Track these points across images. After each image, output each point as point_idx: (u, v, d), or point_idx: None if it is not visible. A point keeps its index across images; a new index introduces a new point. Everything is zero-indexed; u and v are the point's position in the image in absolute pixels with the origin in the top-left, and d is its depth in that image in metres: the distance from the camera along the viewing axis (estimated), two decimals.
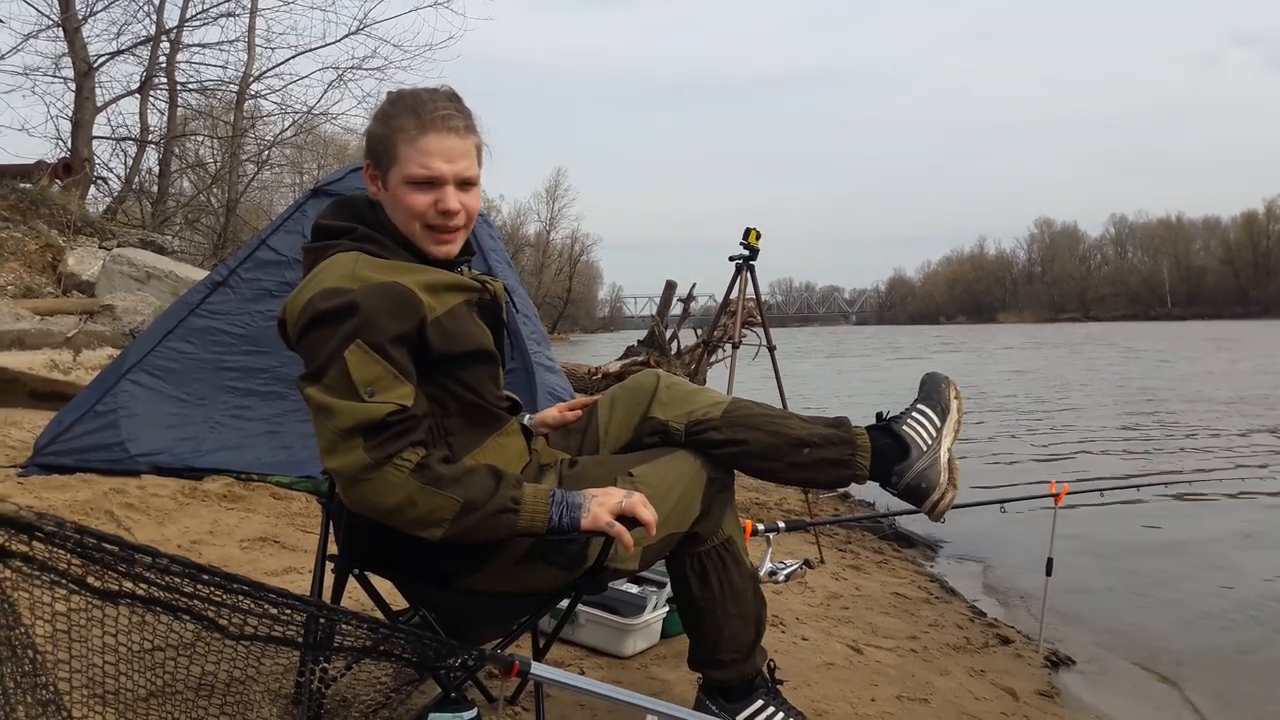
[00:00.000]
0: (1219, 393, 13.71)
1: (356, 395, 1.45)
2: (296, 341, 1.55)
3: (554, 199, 59.44)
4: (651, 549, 1.75)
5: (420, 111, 1.60)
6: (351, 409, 1.45)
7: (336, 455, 1.46)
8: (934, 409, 1.85)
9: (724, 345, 7.44)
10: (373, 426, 1.45)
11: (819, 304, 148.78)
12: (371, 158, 1.66)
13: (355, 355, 1.46)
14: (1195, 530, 5.39)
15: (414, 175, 1.60)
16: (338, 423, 1.45)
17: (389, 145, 1.61)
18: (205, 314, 4.30)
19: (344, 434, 1.45)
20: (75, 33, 11.99)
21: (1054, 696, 2.78)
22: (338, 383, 1.46)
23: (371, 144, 1.65)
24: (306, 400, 1.50)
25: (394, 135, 1.61)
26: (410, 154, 1.59)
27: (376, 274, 1.53)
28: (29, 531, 0.96)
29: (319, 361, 1.48)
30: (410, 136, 1.59)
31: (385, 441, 1.45)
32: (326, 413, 1.46)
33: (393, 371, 1.48)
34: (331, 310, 1.48)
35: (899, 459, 1.80)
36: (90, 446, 3.99)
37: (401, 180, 1.61)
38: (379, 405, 1.45)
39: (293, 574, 2.93)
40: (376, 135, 1.64)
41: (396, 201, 1.62)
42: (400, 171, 1.60)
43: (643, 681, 2.35)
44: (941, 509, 1.80)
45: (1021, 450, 8.65)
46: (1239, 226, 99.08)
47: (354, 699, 1.64)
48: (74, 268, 8.07)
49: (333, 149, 18.27)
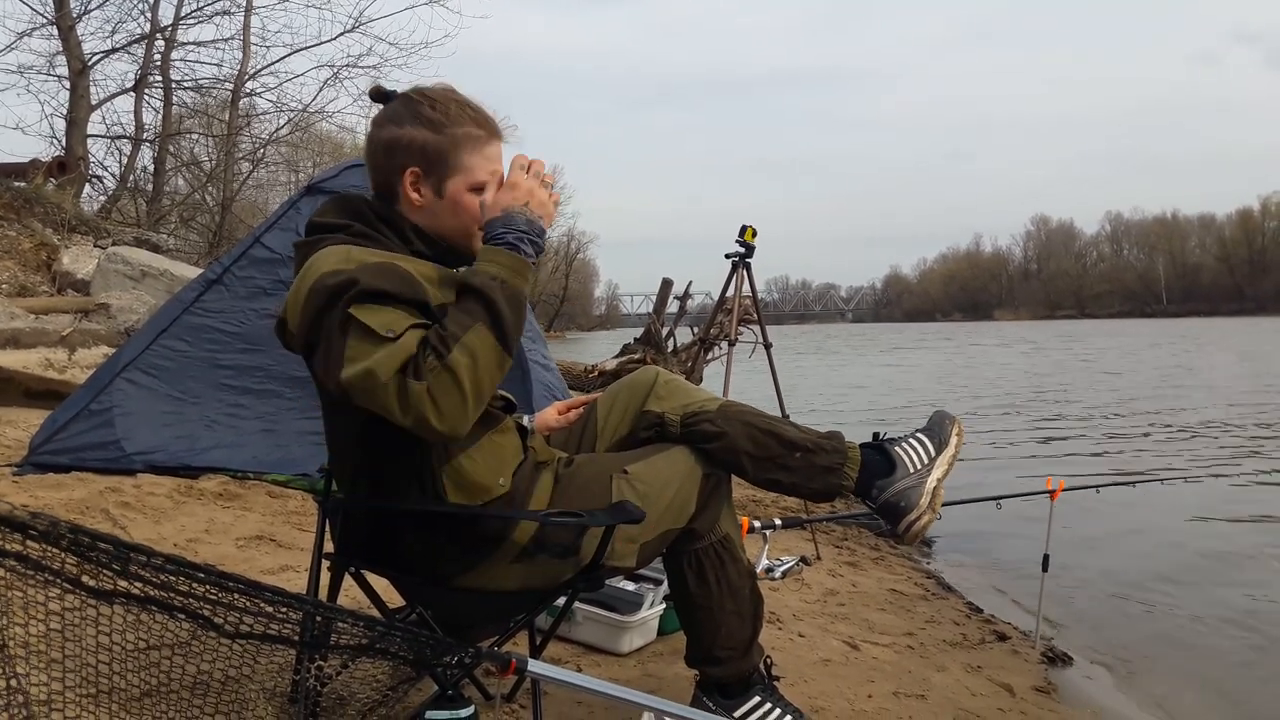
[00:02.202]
0: (1210, 389, 13.75)
1: (383, 340, 1.39)
2: (307, 334, 1.49)
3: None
4: (648, 546, 1.75)
5: (480, 120, 1.64)
6: (387, 353, 1.38)
7: (406, 408, 1.38)
8: (932, 440, 1.86)
9: (720, 343, 7.44)
10: (411, 357, 1.39)
11: (815, 301, 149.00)
12: (420, 165, 1.61)
13: (361, 311, 1.42)
14: (1192, 526, 5.40)
15: (483, 183, 1.62)
16: (384, 371, 1.37)
17: (448, 152, 1.60)
18: (200, 312, 4.29)
19: (394, 378, 1.37)
20: (70, 31, 11.94)
21: (1050, 692, 2.79)
22: (361, 346, 1.40)
23: (420, 149, 1.60)
24: (348, 390, 1.41)
25: (456, 142, 1.60)
26: (478, 162, 1.62)
27: (374, 258, 1.51)
28: (23, 530, 0.96)
29: (336, 346, 1.42)
30: (478, 144, 1.62)
31: (414, 368, 1.38)
32: (371, 376, 1.38)
33: (401, 311, 1.44)
34: (333, 287, 1.44)
35: (884, 475, 1.81)
36: (85, 445, 3.97)
37: (468, 186, 1.62)
38: (404, 339, 1.40)
39: (289, 572, 2.93)
40: (429, 142, 1.60)
41: (457, 208, 1.62)
42: (468, 179, 1.61)
43: (640, 679, 2.35)
44: (915, 531, 1.79)
45: (1019, 447, 8.66)
46: (1234, 224, 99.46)
47: (351, 697, 1.64)
48: (69, 266, 8.04)
49: (328, 147, 18.19)
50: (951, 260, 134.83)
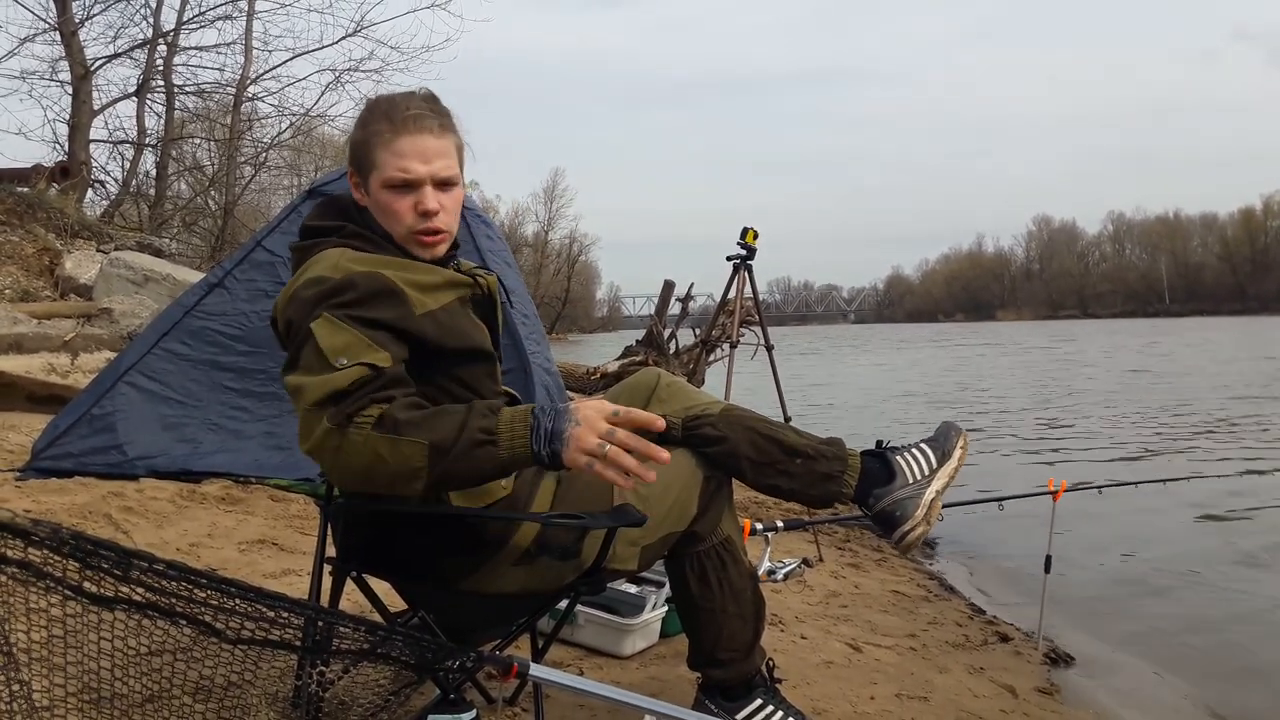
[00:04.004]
0: (1215, 388, 13.73)
1: (328, 366, 1.39)
2: (285, 335, 1.53)
3: (551, 199, 59.55)
4: (650, 549, 1.75)
5: (393, 114, 1.60)
6: (319, 381, 1.38)
7: (307, 436, 1.38)
8: (935, 451, 1.85)
9: (722, 344, 7.43)
10: (337, 395, 1.36)
11: (817, 303, 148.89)
12: (354, 165, 1.66)
13: (322, 325, 1.42)
14: (1195, 527, 5.40)
15: (392, 179, 1.59)
16: (306, 399, 1.38)
17: (367, 150, 1.62)
18: (201, 315, 4.30)
19: (312, 409, 1.37)
20: (72, 36, 11.95)
21: (1053, 694, 2.78)
22: (310, 358, 1.41)
23: (353, 151, 1.65)
24: (285, 390, 1.46)
25: (371, 140, 1.61)
26: (386, 158, 1.59)
27: (361, 266, 1.52)
28: (25, 537, 0.96)
29: (294, 345, 1.46)
30: (385, 140, 1.59)
31: (346, 405, 1.36)
32: (298, 394, 1.40)
33: (364, 339, 1.42)
34: (311, 298, 1.47)
35: (883, 483, 1.81)
36: (88, 450, 3.98)
37: (381, 185, 1.60)
38: (344, 374, 1.37)
39: (291, 576, 2.93)
40: (356, 142, 1.64)
41: (379, 207, 1.62)
42: (379, 176, 1.60)
43: (642, 681, 2.35)
44: (910, 542, 1.79)
45: (1018, 446, 8.66)
46: (1237, 223, 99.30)
47: (353, 701, 1.64)
48: (71, 271, 8.06)
49: (330, 151, 18.18)
50: (954, 260, 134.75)
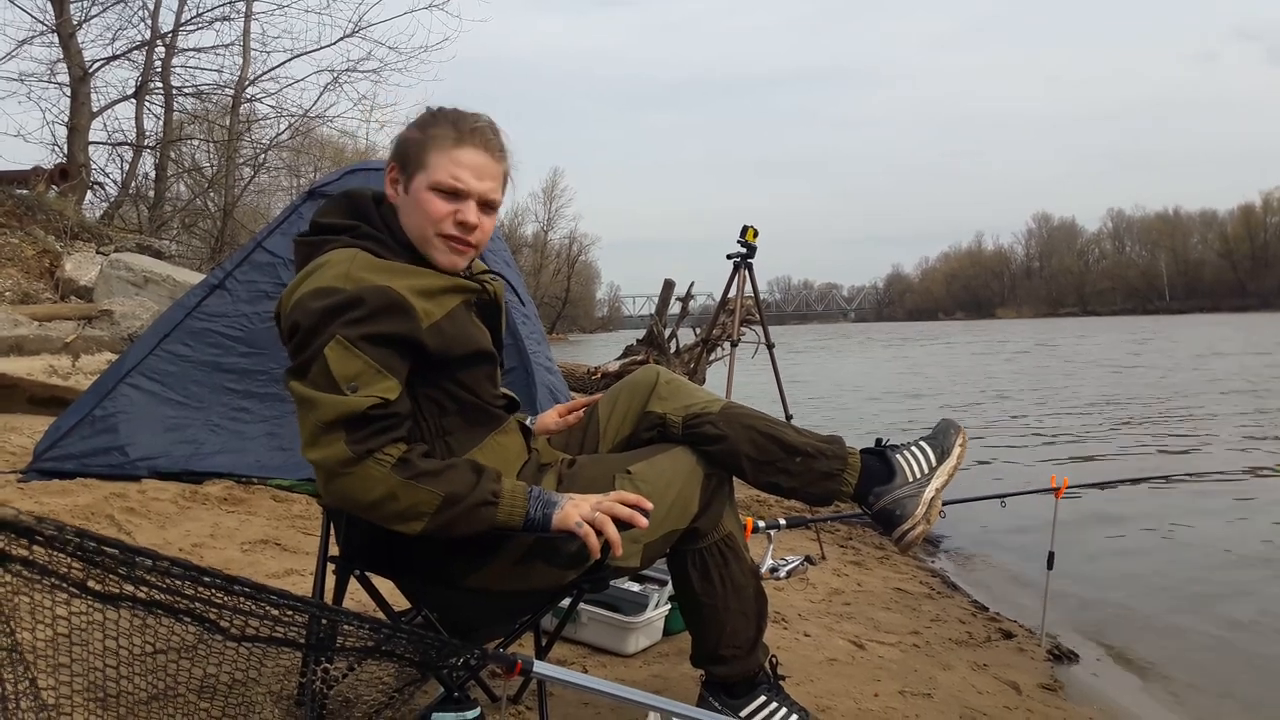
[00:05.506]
0: (1212, 385, 13.73)
1: (338, 390, 1.45)
2: (287, 337, 1.55)
3: (551, 199, 59.57)
4: (652, 546, 1.75)
5: (460, 124, 1.63)
6: (333, 402, 1.45)
7: (318, 447, 1.46)
8: (935, 449, 1.86)
9: (723, 343, 7.43)
10: (354, 419, 1.45)
11: (817, 301, 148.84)
12: (398, 160, 1.66)
13: (335, 351, 1.46)
14: (1197, 523, 5.39)
15: (441, 183, 1.61)
16: (319, 415, 1.45)
17: (421, 150, 1.63)
18: (202, 317, 4.30)
19: (325, 426, 1.45)
20: (70, 38, 11.96)
21: (1057, 690, 2.78)
22: (320, 377, 1.47)
23: (402, 147, 1.66)
24: (291, 393, 1.51)
25: (429, 141, 1.63)
26: (442, 161, 1.61)
27: (371, 275, 1.53)
28: (29, 536, 0.96)
29: (303, 357, 1.49)
30: (445, 145, 1.62)
31: (367, 436, 1.45)
32: (309, 405, 1.47)
33: (374, 366, 1.48)
34: (320, 309, 1.48)
35: (883, 482, 1.81)
36: (89, 451, 3.98)
37: (427, 185, 1.62)
38: (360, 399, 1.45)
39: (294, 575, 2.93)
40: (410, 139, 1.65)
41: (416, 205, 1.63)
42: (428, 177, 1.61)
43: (645, 679, 2.35)
44: (910, 541, 1.79)
45: (1020, 443, 8.65)
46: (1236, 220, 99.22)
47: (357, 699, 1.64)
48: (71, 273, 8.07)
49: (329, 151, 18.19)
50: (953, 258, 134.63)
